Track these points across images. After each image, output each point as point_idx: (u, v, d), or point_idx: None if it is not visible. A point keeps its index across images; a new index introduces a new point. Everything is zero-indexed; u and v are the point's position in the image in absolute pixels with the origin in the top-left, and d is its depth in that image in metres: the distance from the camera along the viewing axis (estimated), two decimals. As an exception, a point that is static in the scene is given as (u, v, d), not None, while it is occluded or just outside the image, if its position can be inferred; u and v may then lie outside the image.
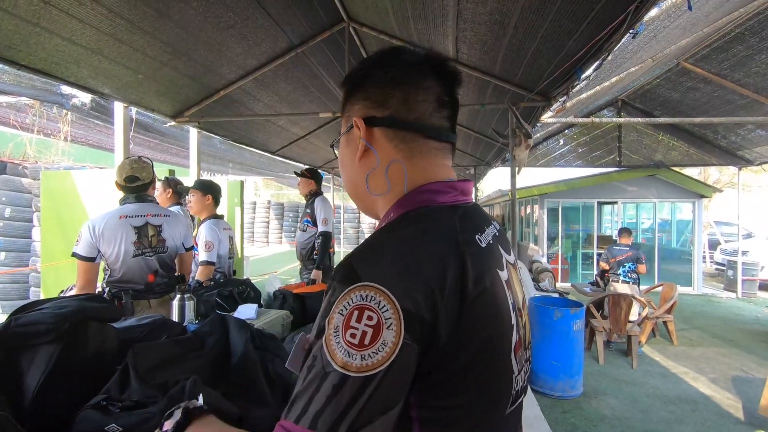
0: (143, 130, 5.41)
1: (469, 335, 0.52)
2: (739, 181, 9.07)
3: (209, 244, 2.54)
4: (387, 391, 0.47)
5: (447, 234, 0.57)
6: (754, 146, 7.55)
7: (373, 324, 0.47)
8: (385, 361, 0.46)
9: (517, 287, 0.66)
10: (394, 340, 0.46)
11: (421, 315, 0.48)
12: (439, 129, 0.66)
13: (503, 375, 0.58)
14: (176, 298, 1.71)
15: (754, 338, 5.51)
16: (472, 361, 0.53)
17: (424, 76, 0.65)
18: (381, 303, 0.47)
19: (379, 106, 0.65)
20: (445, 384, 0.52)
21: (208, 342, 1.12)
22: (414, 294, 0.49)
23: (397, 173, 0.64)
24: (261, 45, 3.61)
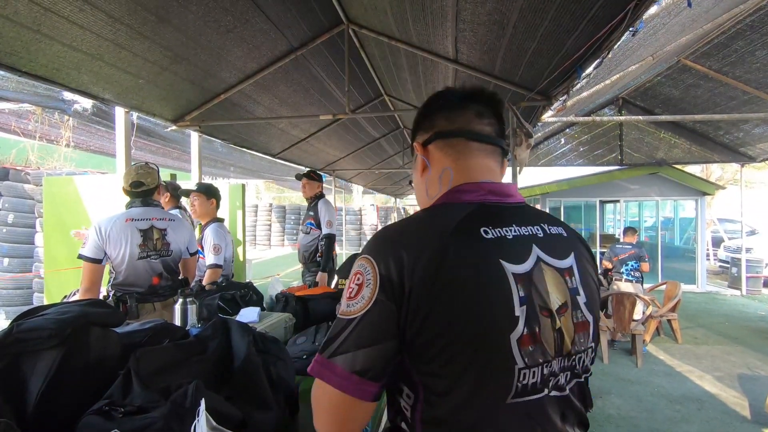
0: (145, 134, 5.43)
1: (443, 307, 0.61)
2: (742, 178, 9.05)
3: (218, 247, 2.56)
4: (361, 331, 0.62)
5: (442, 223, 0.68)
6: (757, 143, 7.52)
7: (359, 283, 0.64)
8: (361, 310, 0.62)
9: (551, 288, 0.68)
10: (370, 295, 0.62)
11: (391, 278, 0.62)
12: (479, 132, 0.78)
13: (495, 359, 0.62)
14: (178, 302, 1.71)
15: (759, 336, 5.48)
16: (449, 332, 0.61)
17: (462, 100, 0.81)
18: (366, 268, 0.64)
19: (429, 130, 0.81)
20: (427, 349, 0.62)
21: (211, 346, 1.12)
22: (389, 262, 0.63)
23: (446, 177, 0.78)
24: (261, 48, 3.62)
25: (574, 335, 0.69)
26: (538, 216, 0.76)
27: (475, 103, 0.80)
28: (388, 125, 7.73)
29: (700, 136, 8.18)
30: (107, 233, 2.10)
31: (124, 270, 2.12)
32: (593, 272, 0.77)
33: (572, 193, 9.57)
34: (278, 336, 1.81)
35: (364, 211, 17.33)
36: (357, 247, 16.32)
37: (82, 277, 2.08)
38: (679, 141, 8.45)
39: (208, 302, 1.95)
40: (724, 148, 8.15)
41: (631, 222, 10.66)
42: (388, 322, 0.62)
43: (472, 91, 0.82)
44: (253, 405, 1.01)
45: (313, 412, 0.68)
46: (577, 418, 0.71)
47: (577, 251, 0.75)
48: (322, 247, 3.68)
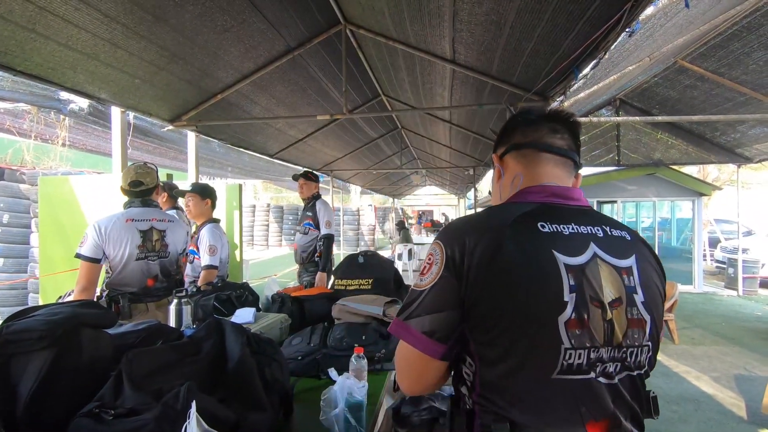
0: (141, 134, 5.41)
1: (497, 285, 0.72)
2: (739, 179, 9.07)
3: (213, 248, 2.53)
4: (430, 300, 0.76)
5: (503, 217, 0.79)
6: (753, 143, 7.55)
7: (430, 262, 0.79)
8: (430, 283, 0.77)
9: (605, 282, 0.75)
10: (437, 272, 0.77)
11: (455, 258, 0.75)
12: (551, 144, 0.89)
13: (541, 336, 0.71)
14: (173, 303, 1.70)
15: (755, 336, 5.50)
16: (501, 307, 0.72)
17: (538, 118, 0.93)
18: (437, 250, 0.79)
19: (506, 143, 0.95)
20: (483, 321, 0.73)
21: (204, 347, 1.11)
22: (454, 246, 0.77)
23: (516, 182, 0.90)
24: (258, 48, 3.62)
25: (627, 329, 0.75)
26: (601, 219, 0.84)
27: (551, 121, 0.91)
28: (386, 125, 7.73)
29: (697, 137, 8.20)
30: (107, 233, 2.08)
31: (121, 270, 2.11)
32: (657, 277, 0.82)
33: (570, 193, 9.58)
34: (274, 337, 1.81)
35: (362, 211, 17.32)
36: (354, 248, 16.31)
37: (79, 276, 2.06)
38: (676, 142, 8.47)
39: (204, 303, 1.93)
40: (720, 149, 8.17)
41: (629, 223, 10.68)
42: (451, 294, 0.75)
43: (549, 111, 0.94)
44: (247, 406, 1.00)
45: (396, 367, 0.84)
46: (629, 412, 0.75)
47: (639, 254, 0.81)
48: (321, 248, 3.67)
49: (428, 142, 8.89)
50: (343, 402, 1.10)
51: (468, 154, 8.54)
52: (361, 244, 16.77)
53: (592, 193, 9.54)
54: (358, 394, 1.10)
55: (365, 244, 16.78)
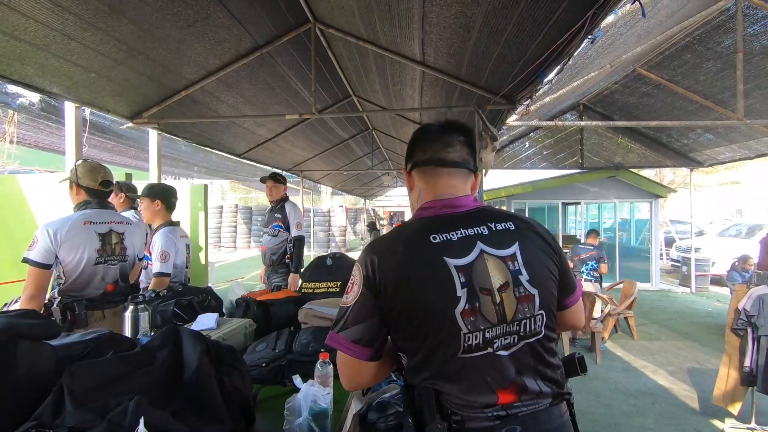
0: (99, 132, 5.15)
1: (402, 293, 0.88)
2: (691, 182, 9.59)
3: (165, 254, 2.38)
4: (354, 314, 0.92)
5: (400, 237, 0.96)
6: (704, 149, 7.99)
7: (353, 282, 0.94)
8: (354, 299, 0.92)
9: (492, 272, 0.90)
10: (357, 290, 0.92)
11: (369, 276, 0.91)
12: (444, 159, 1.02)
13: (444, 327, 0.87)
14: (129, 310, 1.61)
15: (706, 331, 5.81)
16: (409, 310, 0.88)
17: (434, 134, 1.06)
18: (356, 272, 0.94)
19: (410, 160, 1.09)
20: (398, 323, 0.90)
21: (159, 356, 1.05)
22: (368, 266, 0.92)
23: (420, 197, 1.05)
24: (223, 44, 3.51)
25: (517, 305, 0.90)
26: (488, 216, 0.98)
27: (444, 134, 1.04)
28: (357, 126, 7.69)
29: (654, 142, 8.61)
30: (61, 236, 1.94)
31: (77, 276, 1.97)
32: (545, 255, 0.97)
33: (536, 195, 9.86)
34: (237, 343, 1.75)
35: (332, 212, 17.17)
36: (325, 249, 16.14)
37: (27, 283, 1.91)
38: (635, 146, 8.87)
39: (163, 309, 1.84)
40: (675, 153, 8.61)
41: (591, 223, 11.09)
42: (369, 306, 0.91)
43: (444, 125, 1.07)
44: (203, 419, 0.95)
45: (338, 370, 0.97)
46: (537, 374, 0.91)
47: (522, 240, 0.95)
48: (291, 250, 3.61)
49: (399, 143, 8.90)
50: (307, 410, 1.07)
51: (438, 155, 8.60)
52: (332, 245, 16.63)
53: (557, 195, 9.84)
54: (322, 402, 1.07)
55: (336, 246, 16.65)
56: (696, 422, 3.21)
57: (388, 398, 1.15)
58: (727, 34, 4.83)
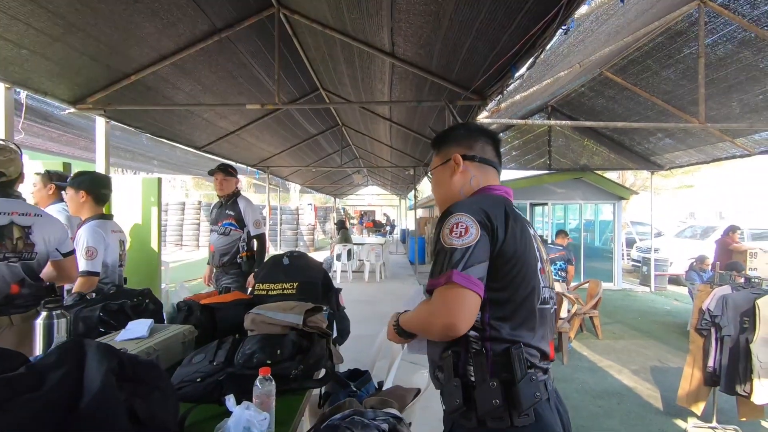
0: (40, 118, 4.71)
1: (511, 243, 1.00)
2: (652, 185, 9.92)
3: (91, 251, 2.10)
4: (478, 252, 0.96)
5: (498, 200, 1.09)
6: (665, 153, 8.25)
7: (465, 226, 0.98)
8: (474, 240, 0.97)
9: (540, 245, 1.13)
10: (476, 232, 0.98)
11: (485, 223, 1.00)
12: (497, 163, 1.24)
13: (533, 279, 1.03)
14: (41, 316, 1.37)
15: (667, 329, 5.96)
16: (513, 258, 1.00)
17: (486, 135, 1.25)
18: (465, 219, 0.99)
19: (468, 149, 1.21)
20: (501, 268, 0.99)
21: (50, 379, 0.84)
22: (481, 215, 1.00)
23: (477, 183, 1.18)
24: (177, 26, 3.24)
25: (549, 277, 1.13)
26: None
27: (493, 140, 1.25)
28: (326, 122, 7.47)
29: (618, 145, 8.83)
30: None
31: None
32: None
33: (505, 195, 9.92)
34: (175, 353, 1.53)
35: (301, 210, 16.81)
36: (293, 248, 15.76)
37: None
38: (600, 149, 9.07)
39: (87, 315, 1.60)
40: (637, 156, 8.86)
41: (557, 224, 11.30)
42: (487, 247, 0.98)
43: (494, 134, 1.27)
44: (100, 458, 0.76)
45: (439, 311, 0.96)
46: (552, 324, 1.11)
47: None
48: (244, 249, 3.31)
49: (369, 140, 8.74)
50: (238, 440, 0.89)
51: (408, 153, 8.51)
52: (300, 244, 16.25)
53: (526, 195, 9.94)
54: (257, 429, 0.90)
55: (304, 244, 16.30)
56: (660, 422, 3.21)
57: (338, 420, 0.98)
58: (687, 42, 4.95)
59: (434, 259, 1.01)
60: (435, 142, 1.28)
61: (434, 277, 0.97)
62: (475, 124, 1.22)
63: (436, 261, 0.99)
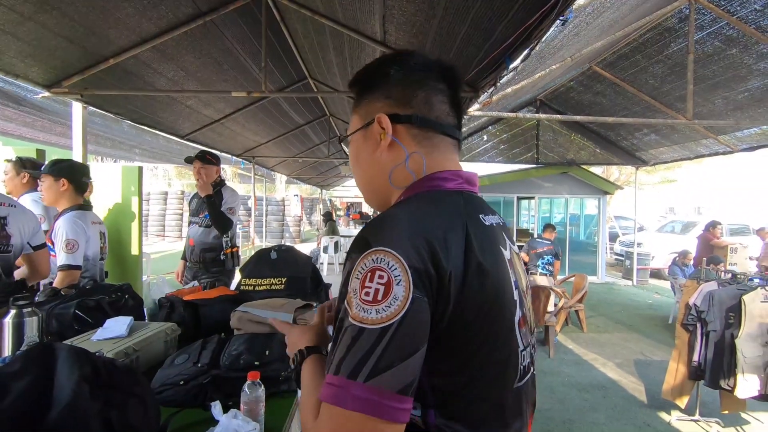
0: (13, 102, 4.49)
1: (473, 296, 0.57)
2: (636, 180, 10.07)
3: (72, 244, 1.99)
4: (403, 338, 0.52)
5: (452, 208, 0.63)
6: (650, 148, 8.36)
7: (384, 282, 0.53)
8: (398, 313, 0.52)
9: (519, 270, 0.70)
10: (405, 294, 0.52)
11: (428, 271, 0.54)
12: (453, 127, 0.73)
13: (507, 345, 0.62)
14: (9, 315, 1.28)
15: (649, 323, 6.07)
16: (475, 322, 0.58)
17: (438, 79, 0.72)
18: (390, 263, 0.53)
19: (403, 105, 0.70)
20: (454, 348, 0.57)
21: (14, 388, 0.76)
22: (420, 253, 0.54)
23: (418, 166, 0.69)
24: (158, 7, 3.08)
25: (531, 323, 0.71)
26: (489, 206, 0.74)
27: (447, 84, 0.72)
28: (313, 112, 7.33)
29: (604, 140, 8.91)
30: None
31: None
32: None
33: (492, 188, 9.95)
34: (156, 353, 1.46)
35: (287, 201, 16.62)
36: (279, 239, 15.62)
37: None
38: (587, 144, 9.14)
39: (60, 312, 1.51)
40: (623, 152, 8.96)
41: (543, 218, 11.40)
42: (425, 323, 0.54)
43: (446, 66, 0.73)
44: (70, 478, 0.69)
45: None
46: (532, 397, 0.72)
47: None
48: (228, 245, 3.10)
49: (357, 131, 8.63)
50: (225, 452, 0.83)
51: (397, 146, 8.42)
52: (286, 235, 16.10)
53: (513, 189, 9.99)
54: (245, 441, 0.83)
55: (290, 236, 16.15)
56: (645, 415, 3.25)
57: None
58: (675, 38, 4.97)
59: (334, 332, 0.57)
60: (355, 83, 0.78)
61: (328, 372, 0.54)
62: (418, 54, 0.74)
63: (335, 341, 0.55)
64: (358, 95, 0.77)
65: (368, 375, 0.50)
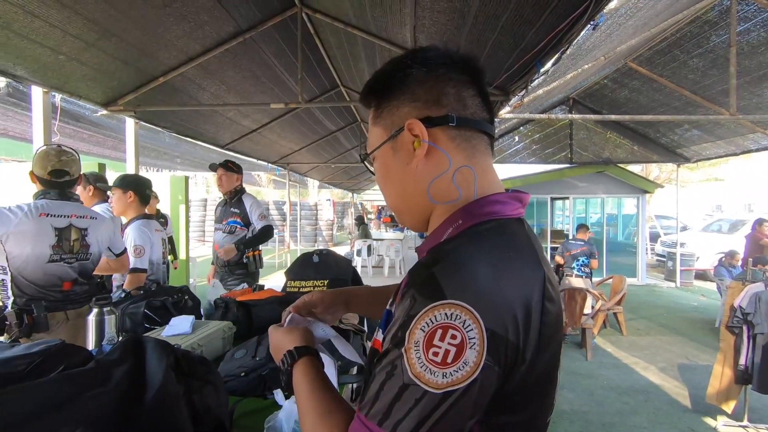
0: (73, 120, 4.88)
1: (543, 353, 0.52)
2: (678, 177, 9.67)
3: (139, 249, 2.22)
4: (463, 408, 0.47)
5: (528, 252, 0.56)
6: (691, 144, 8.03)
7: (456, 343, 0.46)
8: (465, 380, 0.46)
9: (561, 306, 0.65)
10: (476, 360, 0.46)
11: (507, 338, 0.48)
12: (490, 124, 0.64)
13: (552, 389, 0.60)
14: (92, 313, 1.45)
15: (694, 326, 5.84)
16: (538, 380, 0.53)
17: (463, 71, 0.63)
18: (466, 322, 0.47)
19: (433, 105, 0.61)
20: (512, 403, 0.53)
21: (115, 374, 0.90)
22: (502, 314, 0.48)
23: (467, 182, 0.61)
24: (204, 28, 3.31)
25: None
26: None
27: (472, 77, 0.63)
28: (344, 118, 7.51)
29: (642, 137, 8.62)
30: (8, 225, 1.75)
31: (29, 274, 1.79)
32: None
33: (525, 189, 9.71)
34: (216, 348, 1.60)
35: (320, 206, 16.97)
36: (312, 243, 15.96)
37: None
38: (623, 141, 8.88)
39: (132, 311, 1.69)
40: (663, 149, 8.64)
41: (578, 218, 11.13)
42: (490, 393, 0.49)
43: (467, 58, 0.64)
44: (167, 448, 0.82)
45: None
46: None
47: None
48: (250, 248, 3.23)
49: (388, 136, 8.75)
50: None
51: (428, 149, 8.48)
52: (318, 239, 16.43)
53: (546, 190, 9.83)
54: (307, 423, 0.94)
55: (323, 240, 16.47)
56: (689, 420, 3.17)
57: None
58: (716, 31, 4.80)
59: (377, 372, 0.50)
60: (370, 92, 0.68)
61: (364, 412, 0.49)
62: (433, 47, 0.65)
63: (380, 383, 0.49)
64: (376, 106, 0.67)
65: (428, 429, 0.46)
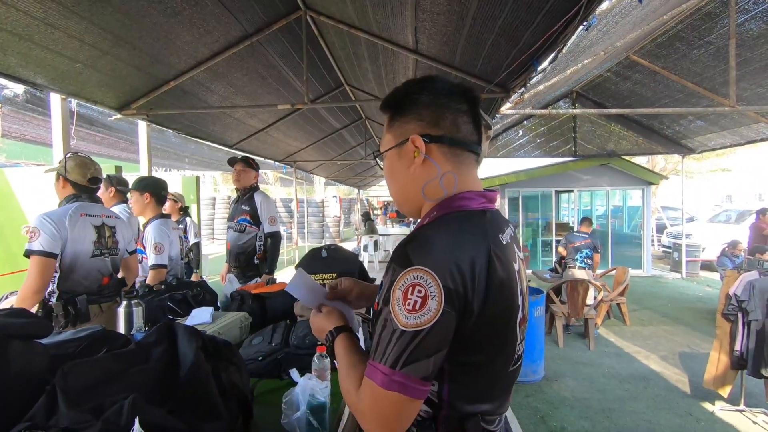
0: (87, 123, 5.05)
1: (491, 309, 0.72)
2: (683, 169, 9.67)
3: (159, 246, 2.37)
4: (430, 341, 0.68)
5: (479, 232, 0.75)
6: (696, 135, 8.03)
7: (422, 296, 0.68)
8: (429, 321, 0.67)
9: (524, 277, 0.86)
10: (437, 308, 0.67)
11: (458, 290, 0.68)
12: (477, 145, 0.85)
13: (511, 340, 0.80)
14: (122, 305, 1.59)
15: (697, 316, 5.91)
16: (491, 327, 0.74)
17: (461, 101, 0.83)
18: (428, 281, 0.68)
19: (434, 126, 0.81)
20: (471, 344, 0.73)
21: (154, 353, 1.03)
22: (453, 275, 0.68)
23: (450, 184, 0.82)
24: (212, 33, 3.44)
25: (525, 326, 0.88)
26: (504, 218, 0.89)
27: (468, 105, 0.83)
28: (349, 116, 7.62)
29: (646, 129, 8.64)
30: (66, 226, 1.92)
31: (76, 269, 1.96)
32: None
33: (530, 183, 9.88)
34: (233, 336, 1.74)
35: (326, 202, 17.12)
36: (320, 240, 16.13)
37: (31, 275, 1.82)
38: (628, 133, 8.89)
39: (157, 304, 1.83)
40: (667, 140, 8.65)
41: (584, 211, 11.16)
42: (450, 330, 0.70)
43: (466, 89, 0.84)
44: (201, 416, 0.95)
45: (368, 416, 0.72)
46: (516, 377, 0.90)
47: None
48: (261, 249, 3.20)
49: (392, 132, 8.83)
50: (305, 404, 1.07)
51: (432, 145, 8.56)
52: (326, 236, 16.61)
53: (551, 183, 9.87)
54: (320, 396, 1.07)
55: (330, 236, 16.65)
56: (687, 405, 3.27)
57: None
58: (717, 22, 4.83)
59: (377, 327, 0.72)
60: (386, 106, 0.89)
61: (372, 358, 0.71)
62: (441, 79, 0.85)
63: (378, 334, 0.71)
64: (390, 117, 0.88)
65: (402, 365, 0.67)
